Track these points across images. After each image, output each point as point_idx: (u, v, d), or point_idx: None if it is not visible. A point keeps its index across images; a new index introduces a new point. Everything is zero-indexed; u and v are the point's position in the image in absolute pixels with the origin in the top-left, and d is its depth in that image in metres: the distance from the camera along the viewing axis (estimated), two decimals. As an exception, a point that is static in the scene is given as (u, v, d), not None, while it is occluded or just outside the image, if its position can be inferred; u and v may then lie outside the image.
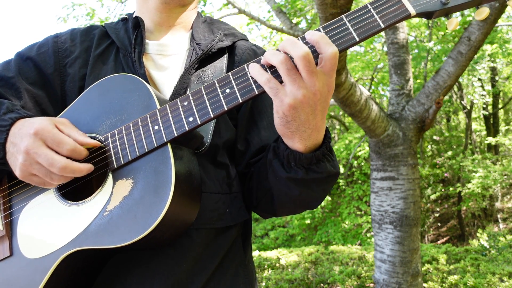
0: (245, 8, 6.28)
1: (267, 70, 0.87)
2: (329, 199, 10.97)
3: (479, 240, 9.16)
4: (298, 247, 9.48)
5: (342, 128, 13.13)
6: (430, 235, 12.71)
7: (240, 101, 0.88)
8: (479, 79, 10.36)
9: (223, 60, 1.17)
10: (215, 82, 0.91)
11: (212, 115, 0.89)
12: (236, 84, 0.89)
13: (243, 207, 1.15)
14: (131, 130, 0.95)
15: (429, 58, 7.23)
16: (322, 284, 5.72)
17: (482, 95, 10.75)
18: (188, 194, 0.92)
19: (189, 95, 0.92)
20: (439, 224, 13.34)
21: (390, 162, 4.21)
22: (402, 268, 4.10)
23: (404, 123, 4.21)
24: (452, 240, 12.12)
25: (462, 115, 14.34)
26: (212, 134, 1.06)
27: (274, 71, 0.86)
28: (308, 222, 10.47)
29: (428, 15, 0.84)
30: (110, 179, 0.95)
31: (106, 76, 1.05)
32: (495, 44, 7.48)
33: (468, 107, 12.60)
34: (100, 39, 1.20)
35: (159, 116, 0.93)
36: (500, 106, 14.04)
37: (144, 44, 1.14)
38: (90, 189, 1.00)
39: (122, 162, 0.94)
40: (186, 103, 0.92)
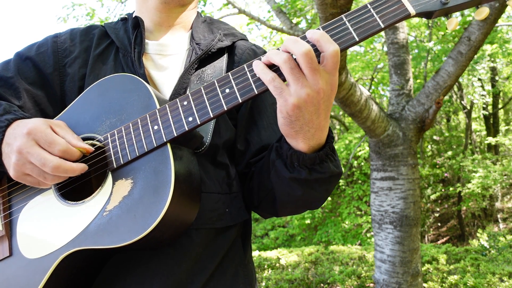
0: (245, 8, 6.28)
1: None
2: (329, 199, 10.95)
3: (479, 240, 9.16)
4: (298, 247, 9.48)
5: (342, 128, 13.12)
6: (430, 235, 12.70)
7: (240, 101, 0.87)
8: (479, 79, 10.36)
9: (223, 60, 1.17)
10: (215, 82, 0.90)
11: (212, 115, 0.89)
12: (236, 84, 0.88)
13: (243, 207, 1.15)
14: (131, 130, 0.95)
15: (429, 58, 7.23)
16: (322, 284, 5.71)
17: (482, 95, 10.75)
18: (187, 194, 0.92)
19: (188, 95, 0.92)
20: (439, 224, 13.34)
21: (390, 162, 4.21)
22: (402, 268, 4.10)
23: (404, 123, 4.21)
24: (452, 240, 12.12)
25: (462, 115, 14.34)
26: (212, 134, 1.06)
27: (276, 71, 0.85)
28: (308, 222, 10.46)
29: (427, 15, 0.84)
30: (109, 179, 0.95)
31: (105, 76, 1.05)
32: (495, 44, 7.47)
33: (468, 107, 12.60)
34: (99, 39, 1.20)
35: (158, 116, 0.93)
36: (500, 106, 14.04)
37: (143, 44, 1.14)
38: (90, 189, 1.00)
39: (122, 162, 0.94)
40: (185, 103, 0.92)
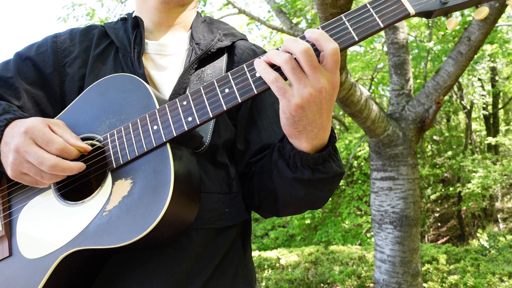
0: (245, 8, 6.28)
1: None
2: (329, 199, 10.93)
3: (479, 240, 9.16)
4: (298, 247, 9.47)
5: (342, 128, 13.11)
6: (430, 235, 12.70)
7: (239, 101, 0.87)
8: (479, 79, 10.36)
9: (223, 60, 1.17)
10: (214, 82, 0.90)
11: (211, 115, 0.89)
12: (235, 83, 0.88)
13: (242, 207, 1.15)
14: (130, 130, 0.95)
15: (429, 58, 7.22)
16: (322, 284, 5.71)
17: (482, 95, 10.75)
18: (187, 194, 0.92)
19: (188, 95, 0.92)
20: (439, 224, 13.33)
21: (390, 162, 4.21)
22: (402, 268, 4.10)
23: (404, 123, 4.21)
24: (452, 240, 12.12)
25: (462, 115, 14.33)
26: (212, 134, 1.06)
27: (276, 71, 0.85)
28: (308, 222, 10.46)
29: (427, 14, 0.84)
30: (109, 179, 0.95)
31: (105, 76, 1.05)
32: (495, 44, 7.47)
33: (468, 107, 12.59)
34: (99, 39, 1.20)
35: (158, 116, 0.93)
36: (500, 106, 14.03)
37: (143, 44, 1.14)
38: (89, 189, 0.99)
39: (121, 162, 0.94)
40: (185, 103, 0.92)
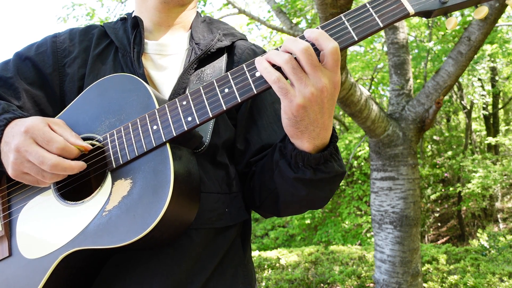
0: (245, 8, 6.28)
1: None
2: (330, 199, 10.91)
3: (479, 240, 9.16)
4: (298, 247, 9.47)
5: (342, 128, 13.10)
6: (430, 235, 12.69)
7: (239, 100, 0.87)
8: (479, 79, 10.35)
9: (222, 60, 1.17)
10: (214, 81, 0.90)
11: (211, 115, 0.89)
12: (235, 83, 0.88)
13: (242, 207, 1.15)
14: (130, 130, 0.95)
15: (429, 58, 7.22)
16: (322, 284, 5.71)
17: (482, 95, 10.75)
18: (187, 194, 0.92)
19: (188, 94, 0.92)
20: (439, 224, 13.33)
21: (390, 162, 4.21)
22: (402, 268, 4.10)
23: (404, 123, 4.21)
24: (452, 240, 12.11)
25: (462, 115, 14.33)
26: (211, 134, 1.06)
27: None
28: (308, 222, 10.45)
29: (426, 14, 0.84)
30: (109, 179, 0.95)
31: (105, 76, 1.05)
32: (495, 44, 7.47)
33: (468, 107, 12.59)
34: (99, 38, 1.20)
35: (157, 116, 0.93)
36: (500, 106, 14.03)
37: (143, 44, 1.14)
38: (89, 189, 0.99)
39: (121, 162, 0.94)
40: (185, 102, 0.92)
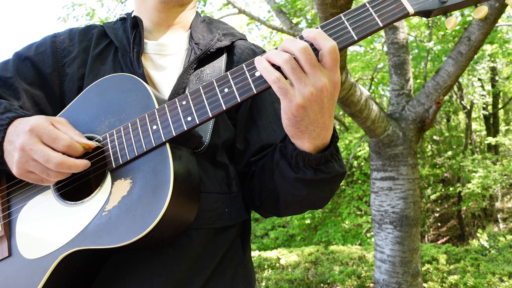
0: (245, 8, 6.28)
1: None
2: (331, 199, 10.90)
3: (479, 240, 9.16)
4: (298, 247, 9.47)
5: (342, 128, 13.10)
6: (430, 235, 12.69)
7: (239, 100, 0.87)
8: (479, 79, 10.35)
9: (222, 59, 1.17)
10: (214, 81, 0.90)
11: (211, 115, 0.89)
12: (235, 83, 0.88)
13: (242, 207, 1.15)
14: (130, 130, 0.95)
15: (429, 58, 7.22)
16: (322, 284, 5.71)
17: (482, 95, 10.75)
18: (187, 194, 0.92)
19: (187, 94, 0.92)
20: (439, 224, 13.33)
21: (390, 162, 4.21)
22: (402, 268, 4.10)
23: (404, 123, 4.21)
24: (452, 240, 12.11)
25: (462, 115, 14.33)
26: (211, 134, 1.06)
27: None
28: (308, 222, 10.45)
29: (426, 13, 0.84)
30: (108, 179, 0.95)
31: (104, 76, 1.05)
32: (495, 44, 7.47)
33: (468, 107, 12.59)
34: (98, 38, 1.20)
35: (157, 116, 0.93)
36: (500, 106, 14.02)
37: (142, 43, 1.14)
38: (89, 189, 0.99)
39: (121, 162, 0.94)
40: (184, 102, 0.92)
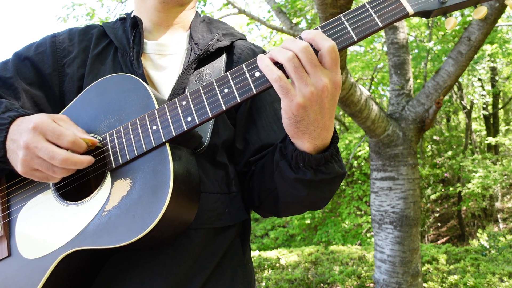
0: (245, 8, 6.28)
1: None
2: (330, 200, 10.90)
3: (479, 240, 9.16)
4: (298, 247, 9.47)
5: (342, 128, 13.10)
6: (430, 235, 12.69)
7: (239, 100, 0.87)
8: (479, 79, 10.35)
9: (222, 59, 1.17)
10: (214, 81, 0.90)
11: (211, 115, 0.89)
12: (235, 83, 0.88)
13: (242, 207, 1.15)
14: (130, 130, 0.95)
15: (429, 58, 7.22)
16: (322, 284, 5.71)
17: (482, 95, 10.75)
18: (186, 194, 0.92)
19: (187, 94, 0.92)
20: (439, 224, 13.33)
21: (390, 162, 4.21)
22: (402, 268, 4.10)
23: (404, 123, 4.21)
24: (452, 240, 12.11)
25: (462, 115, 14.33)
26: (211, 134, 1.06)
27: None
28: (308, 222, 10.45)
29: (426, 14, 0.84)
30: (108, 179, 0.95)
31: (104, 76, 1.05)
32: (495, 44, 7.47)
33: (468, 107, 12.59)
34: (98, 38, 1.20)
35: (157, 116, 0.93)
36: (500, 106, 14.02)
37: (142, 43, 1.14)
38: (89, 189, 0.99)
39: (121, 162, 0.94)
40: (184, 102, 0.92)
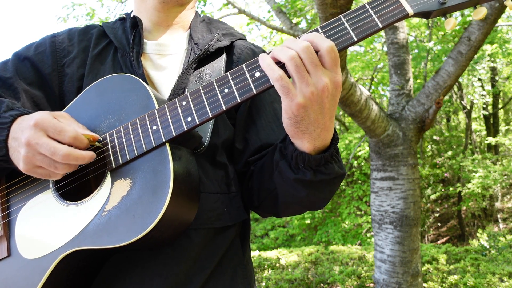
0: (245, 8, 6.28)
1: None
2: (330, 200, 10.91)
3: (479, 240, 9.16)
4: (298, 247, 9.47)
5: (342, 128, 13.10)
6: (430, 235, 12.69)
7: (239, 101, 0.87)
8: (479, 79, 10.35)
9: (222, 59, 1.17)
10: (214, 82, 0.90)
11: (211, 115, 0.89)
12: (235, 83, 0.88)
13: (241, 207, 1.15)
14: (130, 130, 0.95)
15: (429, 58, 7.22)
16: (322, 284, 5.71)
17: (482, 95, 10.75)
18: (186, 194, 0.92)
19: (187, 95, 0.92)
20: (439, 224, 13.33)
21: (390, 162, 4.21)
22: (402, 268, 4.10)
23: (404, 123, 4.21)
24: (452, 240, 12.11)
25: (462, 115, 14.33)
26: (211, 134, 1.06)
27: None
28: (308, 222, 10.45)
29: (426, 15, 0.84)
30: (108, 179, 0.95)
31: (104, 76, 1.05)
32: (495, 44, 7.47)
33: (468, 107, 12.59)
34: (98, 38, 1.20)
35: (157, 116, 0.93)
36: (500, 106, 14.02)
37: (142, 44, 1.14)
38: (89, 189, 0.99)
39: (121, 162, 0.94)
40: (184, 103, 0.92)
